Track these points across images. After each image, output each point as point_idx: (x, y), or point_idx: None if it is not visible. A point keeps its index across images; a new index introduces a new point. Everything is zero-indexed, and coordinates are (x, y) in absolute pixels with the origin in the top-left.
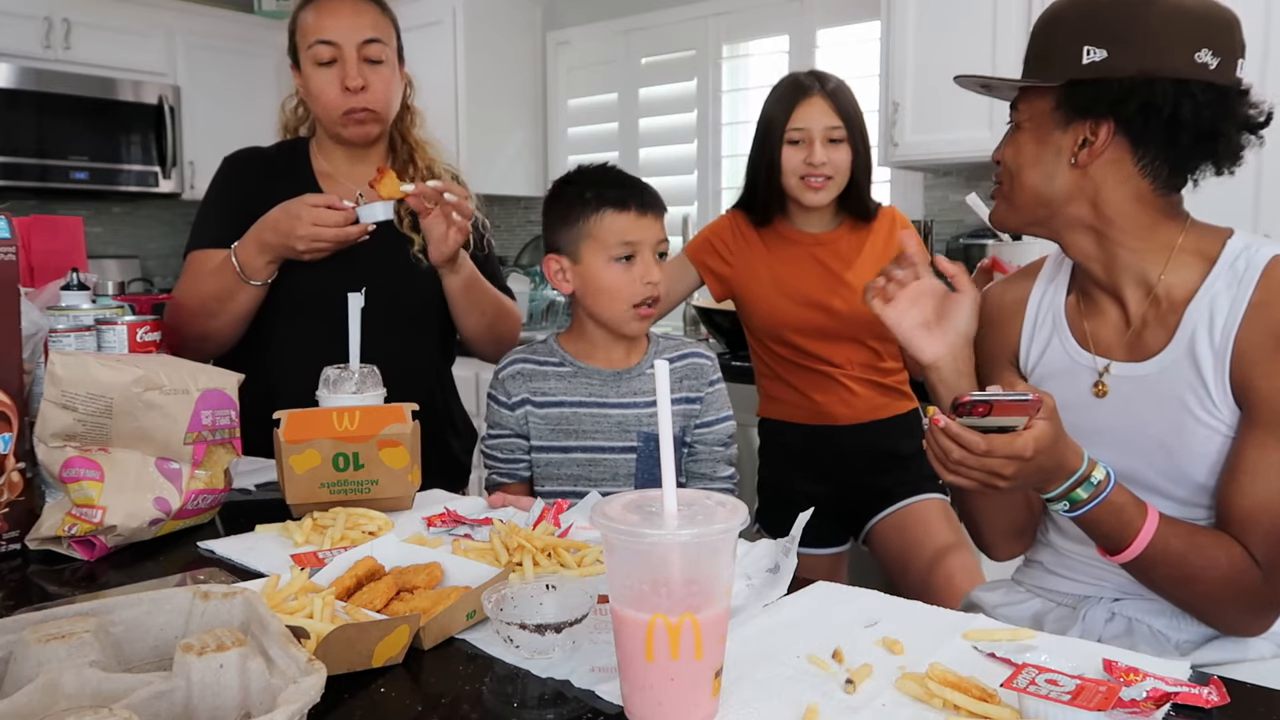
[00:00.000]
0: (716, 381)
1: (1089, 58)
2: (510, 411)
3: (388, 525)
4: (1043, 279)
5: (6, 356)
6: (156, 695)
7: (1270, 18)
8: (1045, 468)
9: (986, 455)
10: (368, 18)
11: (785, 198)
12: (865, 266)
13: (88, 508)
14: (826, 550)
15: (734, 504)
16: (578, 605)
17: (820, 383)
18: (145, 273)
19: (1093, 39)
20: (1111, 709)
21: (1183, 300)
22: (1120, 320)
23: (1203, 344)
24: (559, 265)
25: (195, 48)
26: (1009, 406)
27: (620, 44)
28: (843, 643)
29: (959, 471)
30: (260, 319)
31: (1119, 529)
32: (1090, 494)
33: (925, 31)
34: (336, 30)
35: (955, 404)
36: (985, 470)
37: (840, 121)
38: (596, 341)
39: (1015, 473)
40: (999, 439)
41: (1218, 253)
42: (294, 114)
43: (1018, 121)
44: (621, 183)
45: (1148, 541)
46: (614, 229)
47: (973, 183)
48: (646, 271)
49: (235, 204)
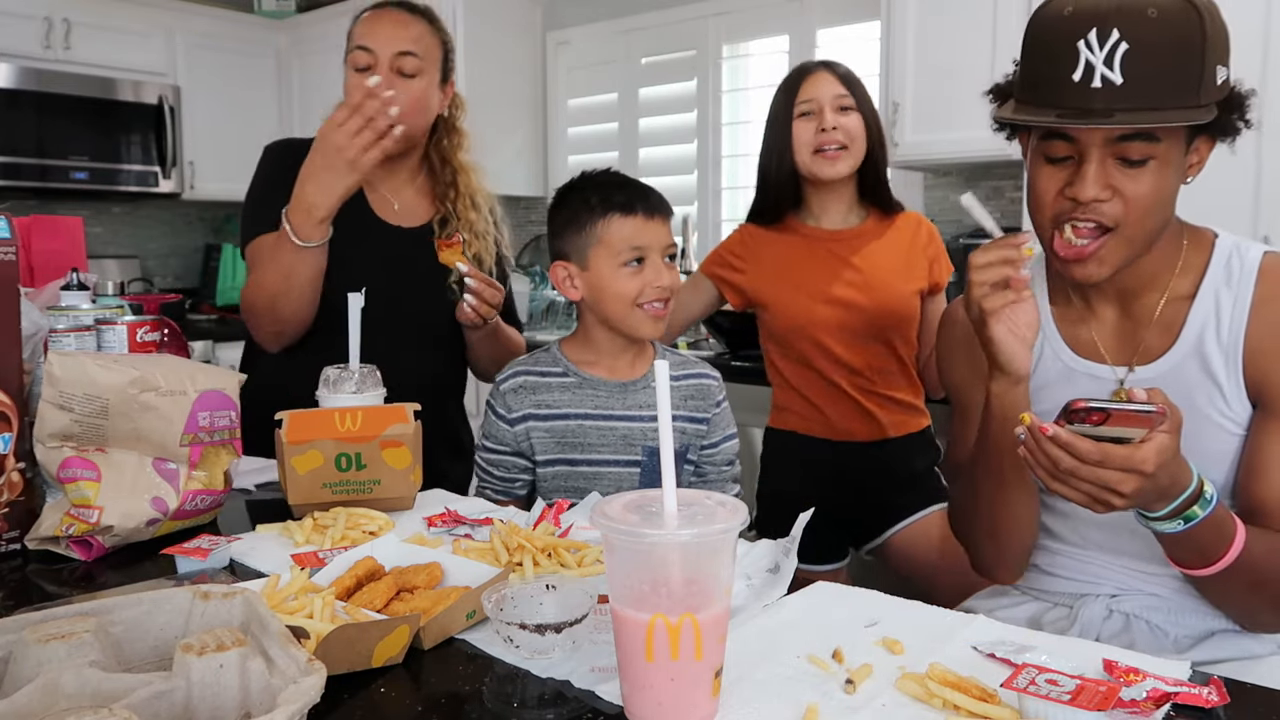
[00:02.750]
0: (722, 402)
1: (1220, 78)
2: (510, 427)
3: (388, 525)
4: None
5: (6, 357)
6: (156, 695)
7: (1270, 18)
8: (1162, 485)
9: (1100, 466)
10: (410, 30)
11: (799, 188)
12: (883, 263)
13: (85, 508)
14: (826, 566)
15: (734, 504)
16: (578, 605)
17: (835, 396)
18: (145, 273)
19: (1222, 59)
20: (1111, 709)
21: (1183, 301)
22: (1116, 325)
23: (1210, 343)
24: (567, 272)
25: (195, 48)
26: (1128, 418)
27: (620, 44)
28: (843, 643)
29: (1068, 483)
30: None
31: (1215, 542)
32: (1205, 510)
33: (925, 31)
34: (375, 38)
35: (1068, 409)
36: (1099, 483)
37: (847, 90)
38: (602, 349)
39: (1135, 490)
40: (1116, 449)
41: (1208, 254)
42: None
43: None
44: (627, 187)
45: (1240, 549)
46: (621, 234)
47: (972, 183)
48: (656, 275)
49: (285, 191)
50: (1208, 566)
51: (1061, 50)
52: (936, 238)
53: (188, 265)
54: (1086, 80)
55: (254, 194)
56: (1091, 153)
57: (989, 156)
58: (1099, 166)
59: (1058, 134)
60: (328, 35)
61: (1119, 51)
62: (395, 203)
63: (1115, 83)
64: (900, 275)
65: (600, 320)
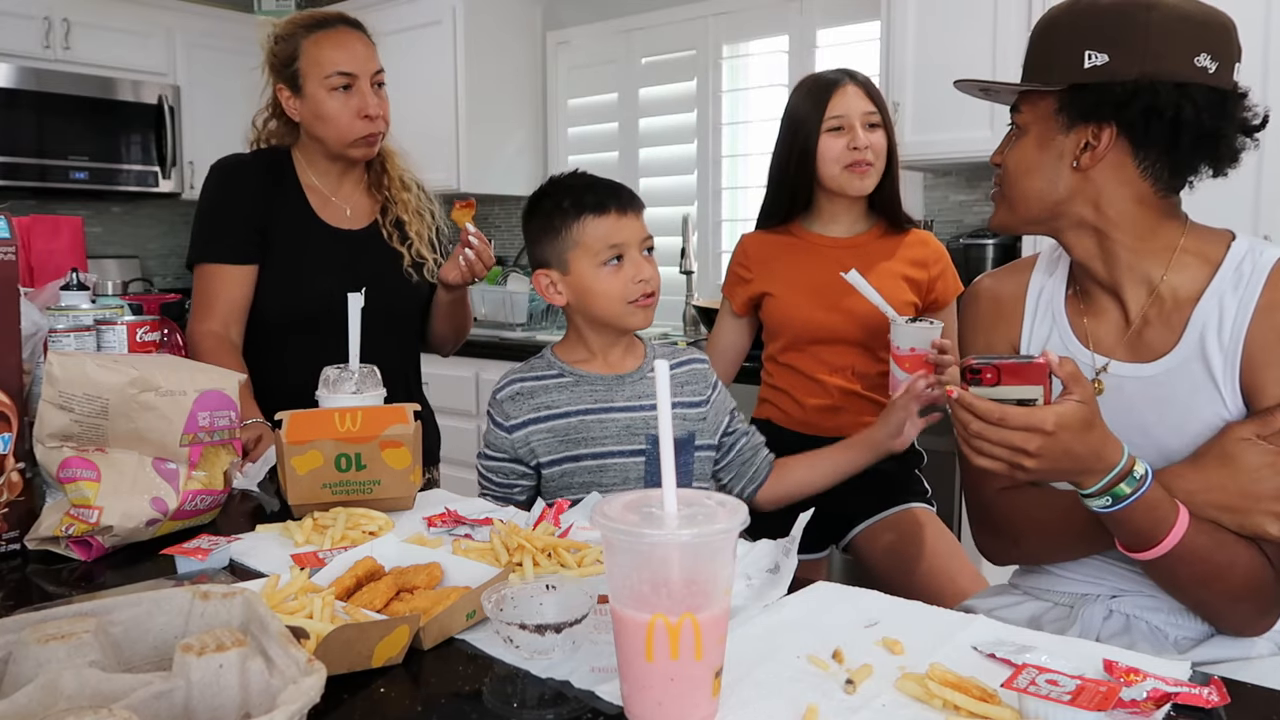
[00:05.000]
0: (716, 382)
1: (1090, 62)
2: (508, 435)
3: (388, 525)
4: (1040, 272)
5: (6, 357)
6: (156, 695)
7: (1270, 18)
8: (1077, 454)
9: (1001, 424)
10: (373, 49)
11: (814, 196)
12: (882, 273)
13: (84, 508)
14: (805, 556)
15: (734, 504)
16: (578, 605)
17: (812, 389)
18: (145, 273)
19: (1094, 43)
20: (1112, 709)
21: (1188, 301)
22: (1120, 319)
23: (1212, 345)
24: (549, 279)
25: (195, 48)
26: (1017, 369)
27: (620, 44)
28: (843, 643)
29: (980, 448)
30: (273, 332)
31: (1151, 526)
32: (1133, 489)
33: (925, 31)
34: (353, 62)
35: (964, 370)
36: (1007, 445)
37: (875, 107)
38: (594, 349)
39: (1040, 449)
40: (1014, 409)
41: (1222, 255)
42: (264, 127)
43: (1019, 125)
44: (596, 187)
45: (1179, 538)
46: (597, 234)
47: (973, 182)
48: (637, 270)
49: (237, 213)
50: (1146, 550)
51: None
52: (944, 257)
53: None
54: None
55: (205, 215)
56: None
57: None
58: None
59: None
60: None
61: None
62: (347, 209)
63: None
64: (894, 287)
65: (589, 321)
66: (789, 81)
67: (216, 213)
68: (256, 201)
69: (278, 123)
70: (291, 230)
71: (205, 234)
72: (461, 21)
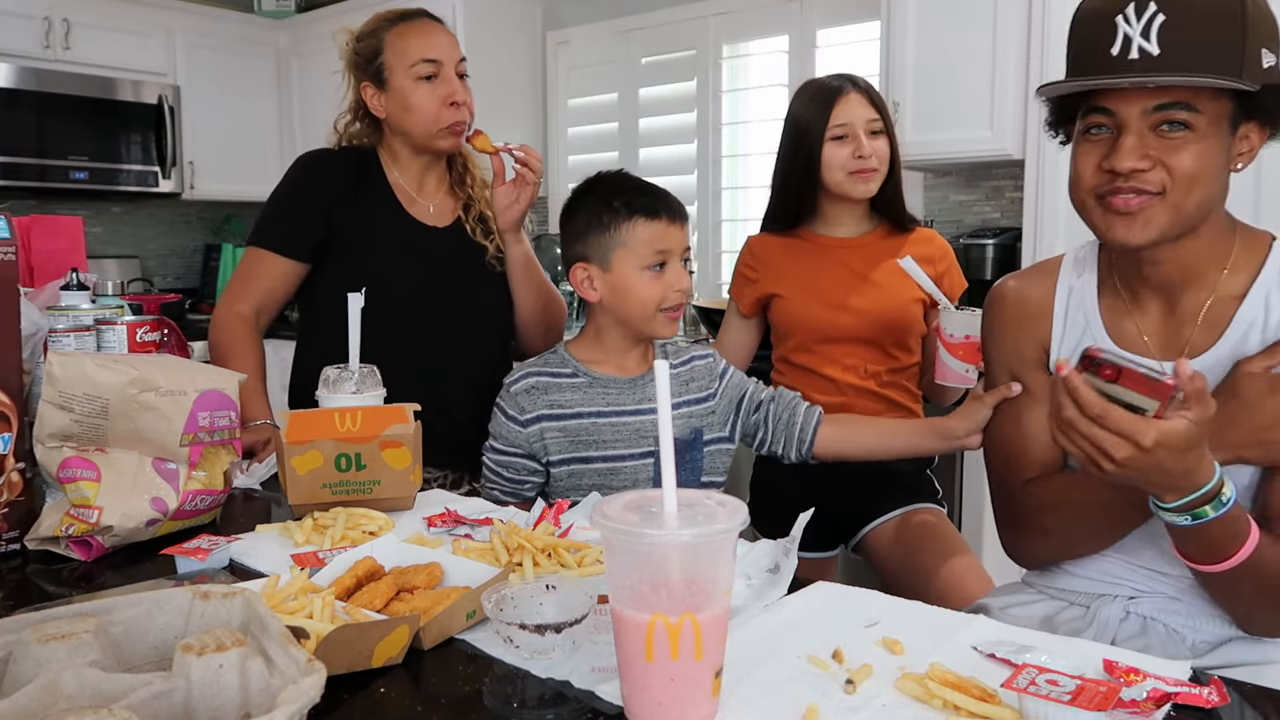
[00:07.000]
0: (725, 372)
1: (1267, 63)
2: (522, 429)
3: (388, 525)
4: (1066, 274)
5: (6, 357)
6: (156, 695)
7: None
8: (1167, 469)
9: (1098, 423)
10: (455, 39)
11: (819, 200)
12: (888, 270)
13: (84, 508)
14: (815, 554)
15: (734, 504)
16: (578, 605)
17: (825, 388)
18: (145, 273)
19: (1268, 43)
20: (1112, 709)
21: (1233, 300)
22: (1160, 318)
23: (1255, 345)
24: (587, 273)
25: (195, 48)
26: (1140, 380)
27: (620, 44)
28: (843, 643)
29: (1066, 433)
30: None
31: (1223, 541)
32: (1217, 512)
33: (925, 31)
34: (439, 50)
35: (1084, 354)
36: (1093, 442)
37: (878, 114)
38: (612, 349)
39: (1127, 459)
40: (1119, 411)
41: (1264, 254)
42: (345, 130)
43: (1189, 125)
44: (647, 191)
45: (1249, 553)
46: (646, 237)
47: (973, 182)
48: (677, 279)
49: (316, 205)
50: (1213, 564)
51: (1100, 26)
52: (949, 254)
53: (187, 265)
54: (1124, 53)
55: (281, 200)
56: (1130, 124)
57: (989, 156)
58: (1137, 138)
59: (1097, 108)
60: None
61: (1156, 23)
62: (430, 206)
63: (1152, 54)
64: (902, 284)
65: (618, 321)
66: (789, 81)
67: (285, 202)
68: (333, 195)
69: (360, 125)
70: (379, 224)
71: (269, 219)
72: (461, 21)
